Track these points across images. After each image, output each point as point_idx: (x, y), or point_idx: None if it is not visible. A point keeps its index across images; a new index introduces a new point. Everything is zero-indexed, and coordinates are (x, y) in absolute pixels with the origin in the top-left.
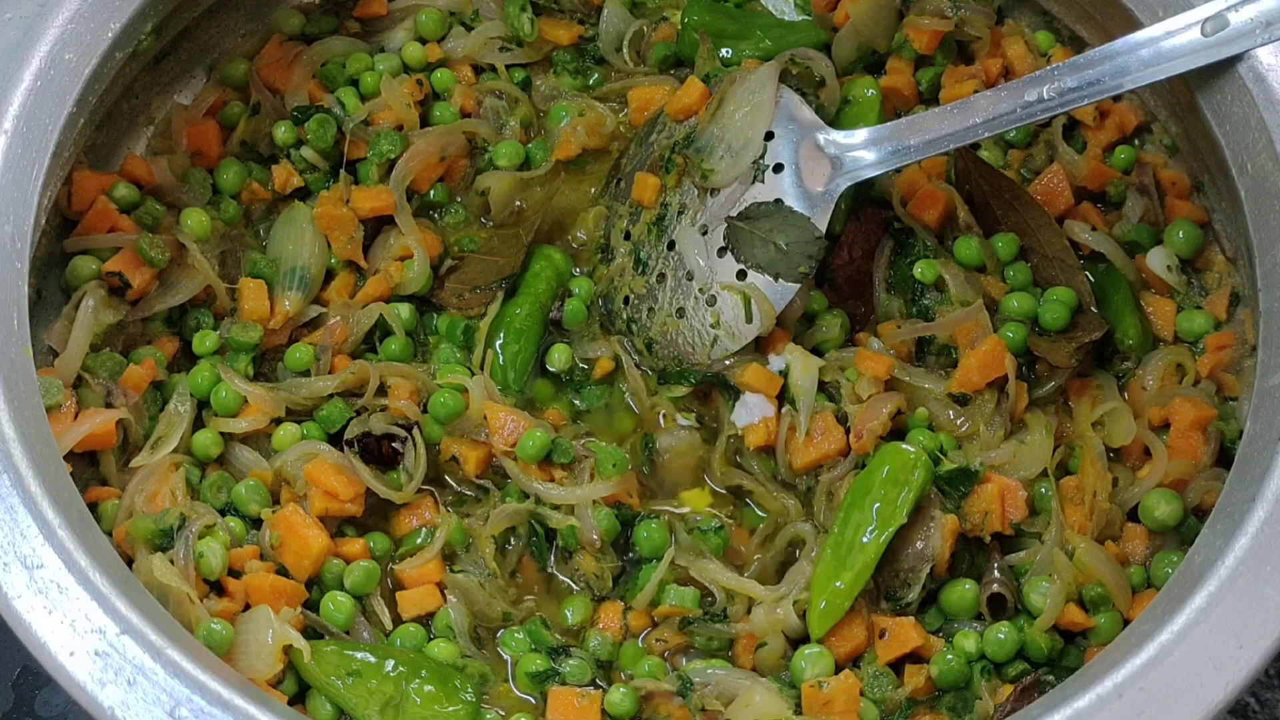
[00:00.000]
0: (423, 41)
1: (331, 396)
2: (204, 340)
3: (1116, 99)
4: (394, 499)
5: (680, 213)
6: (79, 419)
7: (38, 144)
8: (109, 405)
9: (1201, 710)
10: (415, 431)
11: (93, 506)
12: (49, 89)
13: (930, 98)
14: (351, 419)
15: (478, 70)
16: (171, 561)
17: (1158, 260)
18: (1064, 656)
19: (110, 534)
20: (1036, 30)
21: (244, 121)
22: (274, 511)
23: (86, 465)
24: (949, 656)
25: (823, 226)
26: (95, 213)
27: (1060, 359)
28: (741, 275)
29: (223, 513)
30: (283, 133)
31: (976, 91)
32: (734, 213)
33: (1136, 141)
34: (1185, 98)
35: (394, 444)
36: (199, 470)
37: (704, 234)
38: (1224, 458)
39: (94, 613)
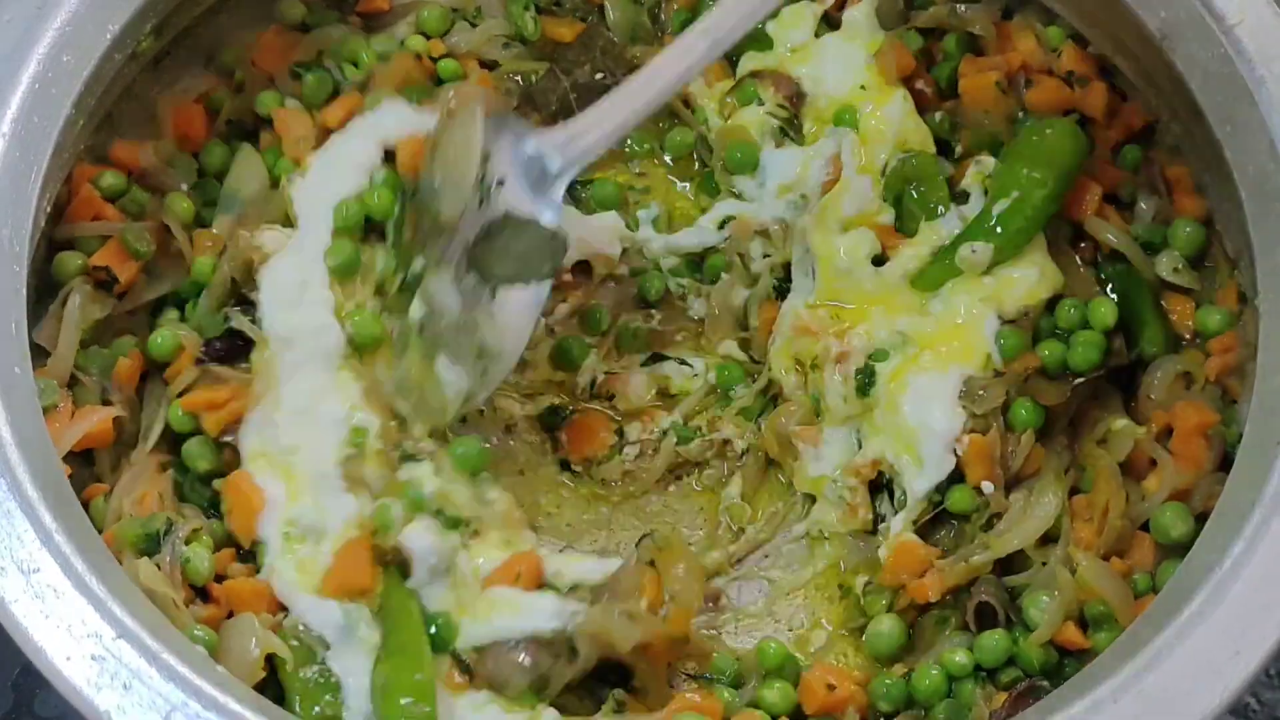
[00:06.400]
0: (426, 37)
1: None
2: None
3: (1125, 98)
4: None
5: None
6: (75, 417)
7: (36, 147)
8: (105, 402)
9: (1198, 715)
10: None
11: (86, 505)
12: (47, 91)
13: (950, 94)
14: None
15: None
16: (158, 567)
17: (1163, 261)
18: (1060, 668)
19: (102, 532)
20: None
21: (229, 100)
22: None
23: (84, 465)
24: (933, 670)
25: (558, 220)
26: (80, 200)
27: (1052, 398)
28: (493, 293)
29: (205, 510)
30: (267, 102)
31: (997, 83)
32: (470, 240)
33: (1143, 141)
34: (1187, 99)
35: None
36: (185, 473)
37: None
38: (1226, 463)
39: (90, 617)
